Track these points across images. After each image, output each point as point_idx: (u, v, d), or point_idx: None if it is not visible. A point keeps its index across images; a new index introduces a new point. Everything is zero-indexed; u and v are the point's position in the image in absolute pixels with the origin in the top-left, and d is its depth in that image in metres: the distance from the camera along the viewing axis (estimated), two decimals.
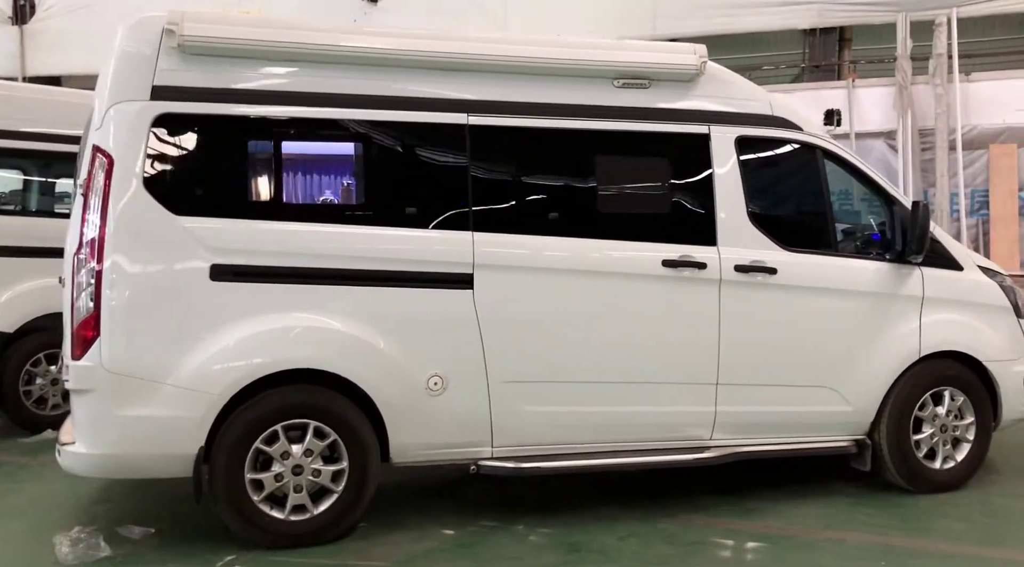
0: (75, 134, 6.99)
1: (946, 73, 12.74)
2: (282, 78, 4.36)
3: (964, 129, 12.61)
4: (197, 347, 4.18)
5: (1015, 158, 12.75)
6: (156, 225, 4.16)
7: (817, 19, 13.60)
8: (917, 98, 12.75)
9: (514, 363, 4.58)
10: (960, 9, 13.14)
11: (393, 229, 4.46)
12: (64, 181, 7.24)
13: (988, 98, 12.80)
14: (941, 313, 5.29)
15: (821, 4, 13.54)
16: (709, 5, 13.77)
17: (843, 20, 13.68)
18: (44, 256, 6.83)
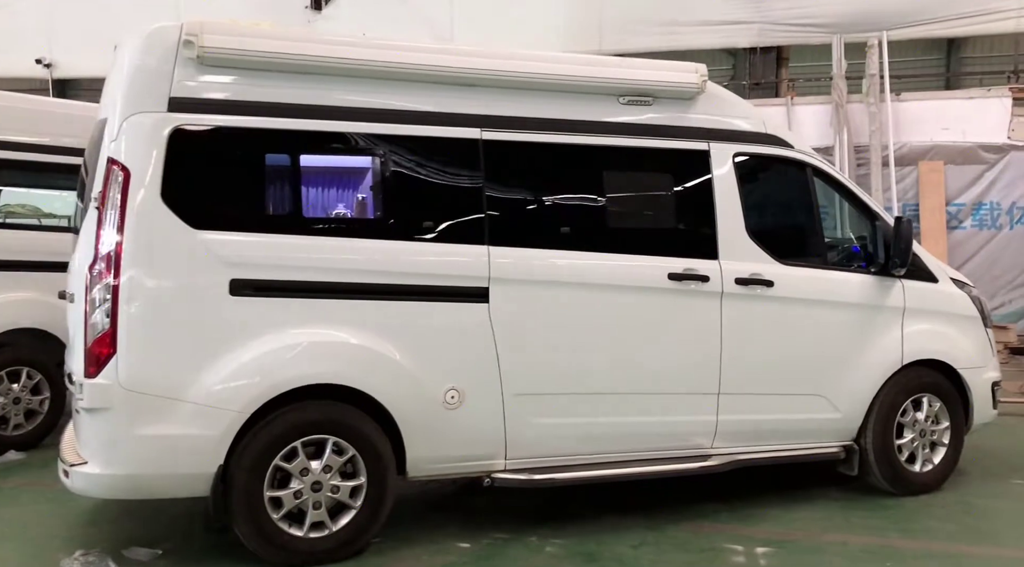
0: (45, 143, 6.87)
1: (879, 92, 13.29)
2: (300, 91, 4.31)
3: (896, 146, 13.17)
4: (216, 363, 4.10)
5: (942, 174, 13.37)
6: (174, 239, 4.07)
7: (757, 38, 14.04)
8: (852, 116, 13.26)
9: (527, 376, 4.62)
10: (890, 33, 13.75)
11: (410, 243, 4.45)
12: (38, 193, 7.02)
13: (916, 117, 13.41)
14: (920, 323, 5.55)
15: (761, 24, 14.00)
16: (654, 22, 14.09)
17: (782, 40, 14.16)
18: (14, 270, 6.61)
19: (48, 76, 16.95)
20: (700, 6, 13.93)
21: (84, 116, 7.27)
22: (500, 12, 14.39)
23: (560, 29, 14.28)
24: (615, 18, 14.25)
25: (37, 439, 6.71)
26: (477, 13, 14.57)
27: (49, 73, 17.07)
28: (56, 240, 6.92)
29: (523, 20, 14.34)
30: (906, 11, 13.63)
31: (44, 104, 7.25)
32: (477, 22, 14.52)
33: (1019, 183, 13.22)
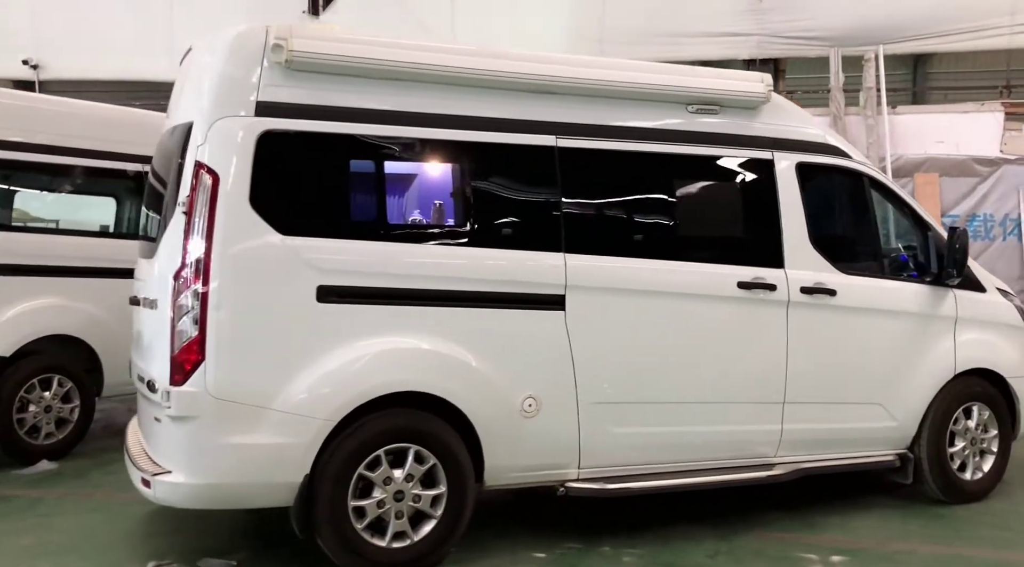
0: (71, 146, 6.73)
1: (875, 105, 13.50)
2: (385, 97, 4.26)
3: (892, 158, 13.37)
4: (303, 371, 4.03)
5: (937, 186, 13.61)
6: (262, 245, 4.00)
7: (756, 51, 14.19)
8: (849, 128, 13.44)
9: (602, 384, 4.61)
10: (886, 47, 13.97)
11: (491, 250, 4.42)
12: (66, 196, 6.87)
13: (912, 130, 13.62)
14: (971, 333, 5.62)
15: (760, 36, 14.15)
16: (655, 33, 14.18)
17: (780, 53, 14.32)
18: (43, 275, 6.46)
19: (35, 77, 16.65)
20: (700, 18, 14.05)
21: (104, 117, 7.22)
22: (500, 20, 14.40)
23: (560, 37, 14.32)
24: (615, 28, 14.32)
25: (68, 447, 6.56)
26: (477, 20, 14.57)
27: (36, 74, 16.78)
28: (85, 245, 6.84)
29: (523, 29, 14.36)
30: (902, 26, 13.86)
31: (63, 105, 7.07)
32: (477, 29, 14.50)
33: (1012, 195, 13.47)
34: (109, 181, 7.08)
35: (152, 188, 4.88)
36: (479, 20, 14.45)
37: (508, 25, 14.41)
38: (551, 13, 14.48)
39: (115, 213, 7.19)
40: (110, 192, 7.16)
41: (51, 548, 4.65)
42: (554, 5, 14.36)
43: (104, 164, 6.93)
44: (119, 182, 7.11)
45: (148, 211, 4.97)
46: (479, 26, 14.49)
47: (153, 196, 4.82)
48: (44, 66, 16.80)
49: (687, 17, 14.01)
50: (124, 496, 5.53)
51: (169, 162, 4.47)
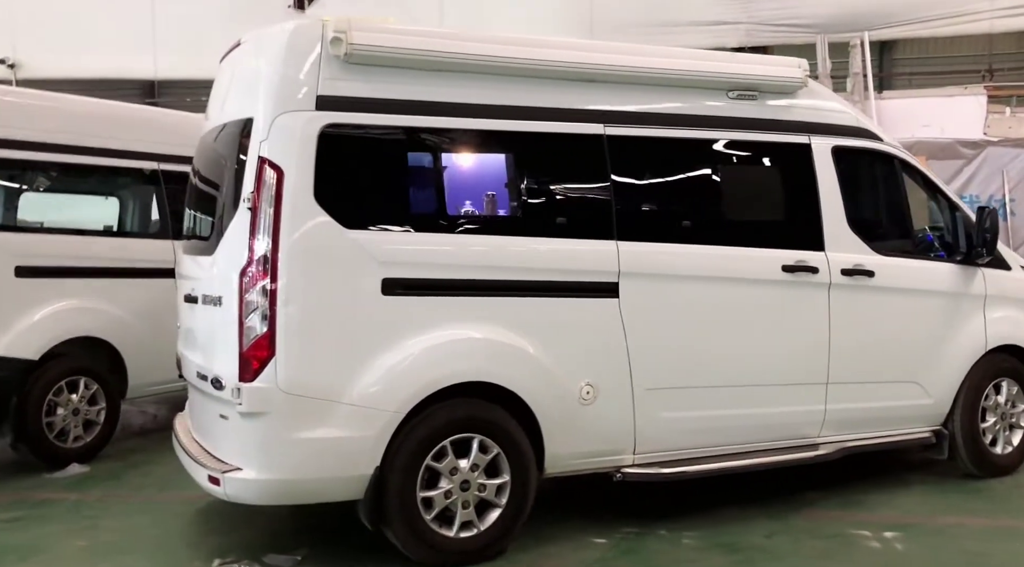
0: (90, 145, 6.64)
1: (863, 90, 13.68)
2: (443, 89, 4.26)
3: None
4: (371, 363, 4.03)
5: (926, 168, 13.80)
6: (328, 239, 3.99)
7: (745, 38, 14.33)
8: None
9: (655, 370, 4.65)
10: (871, 32, 14.17)
11: (551, 239, 4.44)
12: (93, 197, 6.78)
13: (899, 115, 13.82)
14: (1000, 310, 5.74)
15: (749, 24, 14.29)
16: (644, 23, 14.27)
17: (768, 40, 14.47)
18: (67, 276, 6.38)
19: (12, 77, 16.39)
20: (690, 7, 14.16)
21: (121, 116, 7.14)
22: (489, 10, 14.40)
23: (550, 27, 14.34)
24: (605, 19, 14.40)
25: (96, 450, 6.48)
26: (465, 12, 14.57)
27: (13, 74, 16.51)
28: (107, 245, 6.77)
29: (512, 19, 14.39)
30: (886, 12, 14.08)
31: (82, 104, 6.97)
32: (465, 21, 14.50)
33: (996, 177, 13.69)
34: (128, 180, 7.00)
35: (197, 187, 4.84)
36: (468, 9, 14.43)
37: (497, 13, 14.42)
38: (540, 3, 14.51)
39: (135, 212, 7.10)
40: (129, 191, 7.07)
41: (108, 548, 4.62)
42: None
43: (124, 163, 6.85)
44: (137, 181, 7.03)
45: (194, 210, 4.92)
46: (468, 15, 14.48)
47: (200, 195, 4.78)
48: (21, 65, 16.54)
49: (676, 5, 14.12)
50: (166, 497, 5.53)
51: (221, 160, 4.44)
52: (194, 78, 15.86)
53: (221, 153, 4.48)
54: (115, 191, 7.10)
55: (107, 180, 6.96)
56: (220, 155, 4.49)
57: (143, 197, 7.13)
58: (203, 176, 4.76)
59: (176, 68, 16.05)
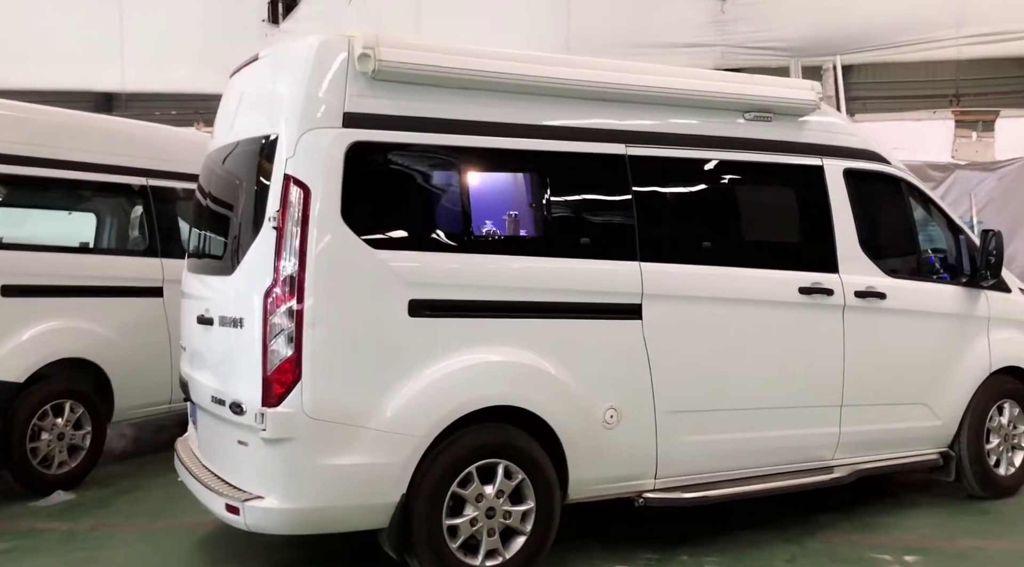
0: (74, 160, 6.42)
1: None
2: (471, 107, 4.19)
3: None
4: (397, 387, 3.91)
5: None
6: (355, 259, 3.87)
7: (720, 61, 14.44)
8: None
9: (678, 393, 4.59)
10: (843, 56, 14.40)
11: (577, 261, 4.38)
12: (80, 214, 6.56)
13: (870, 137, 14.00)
14: (1003, 332, 5.80)
15: (724, 47, 14.43)
16: (621, 43, 14.28)
17: (743, 63, 14.59)
18: (52, 295, 6.15)
19: None
20: (666, 29, 14.25)
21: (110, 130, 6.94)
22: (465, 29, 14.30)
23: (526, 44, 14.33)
24: (582, 37, 14.41)
25: (81, 476, 6.21)
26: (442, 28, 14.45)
27: None
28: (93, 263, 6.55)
29: (488, 36, 14.30)
30: (859, 37, 14.29)
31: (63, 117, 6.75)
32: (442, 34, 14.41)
33: (964, 200, 13.94)
34: (115, 196, 6.79)
35: (208, 206, 4.68)
36: (442, 28, 14.34)
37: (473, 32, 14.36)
38: (517, 21, 14.50)
39: (123, 230, 6.89)
40: (117, 208, 6.86)
41: None
42: (520, 13, 14.36)
43: (112, 178, 6.64)
44: (125, 197, 6.82)
45: (204, 229, 4.76)
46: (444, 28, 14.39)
47: (211, 213, 4.62)
48: None
49: (652, 27, 14.20)
50: (162, 525, 5.33)
51: (235, 178, 4.30)
52: (163, 91, 15.65)
53: (236, 171, 4.34)
54: (102, 207, 6.88)
55: (94, 196, 6.74)
56: (234, 173, 4.35)
57: (131, 214, 6.92)
58: (214, 195, 4.60)
59: (144, 81, 15.74)
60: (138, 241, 6.91)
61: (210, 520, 5.21)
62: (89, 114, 7.04)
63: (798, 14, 14.04)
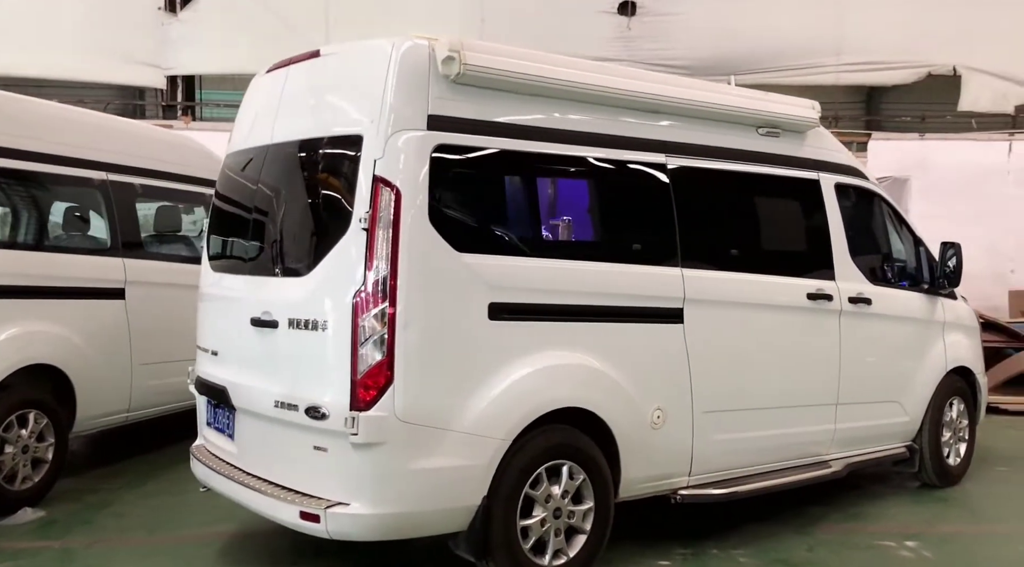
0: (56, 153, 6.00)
1: None
2: (549, 114, 4.29)
3: None
4: (480, 390, 3.92)
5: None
6: (443, 262, 3.85)
7: None
8: None
9: (712, 393, 4.81)
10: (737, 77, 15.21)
11: (633, 266, 4.52)
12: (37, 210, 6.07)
13: None
14: (953, 335, 6.39)
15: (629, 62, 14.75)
16: None
17: None
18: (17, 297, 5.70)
19: None
20: (576, 42, 14.52)
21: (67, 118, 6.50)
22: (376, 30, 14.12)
23: None
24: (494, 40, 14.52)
25: (45, 491, 5.75)
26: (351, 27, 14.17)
27: None
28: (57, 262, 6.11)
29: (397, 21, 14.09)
30: (751, 59, 15.13)
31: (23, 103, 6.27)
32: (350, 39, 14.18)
33: None
34: (74, 191, 6.35)
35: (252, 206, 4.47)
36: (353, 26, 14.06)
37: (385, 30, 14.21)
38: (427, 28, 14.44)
39: (83, 227, 6.46)
40: (76, 203, 6.42)
41: None
42: (433, 20, 14.31)
43: (70, 171, 6.21)
44: (82, 192, 6.40)
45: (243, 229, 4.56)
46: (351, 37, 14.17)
47: (256, 213, 4.44)
48: None
49: (563, 40, 14.47)
50: (162, 539, 5.09)
51: (295, 178, 4.20)
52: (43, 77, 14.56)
53: (296, 171, 4.22)
54: (57, 203, 6.42)
55: (52, 190, 6.28)
56: (293, 173, 4.23)
57: (92, 210, 6.50)
58: (263, 194, 4.41)
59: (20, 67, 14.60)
60: (99, 239, 6.50)
61: (220, 532, 5.08)
62: (41, 100, 6.53)
63: (698, 34, 14.73)
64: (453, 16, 14.27)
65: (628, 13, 14.77)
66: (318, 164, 4.10)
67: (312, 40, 14.00)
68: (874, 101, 16.85)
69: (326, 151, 4.05)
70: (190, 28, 14.14)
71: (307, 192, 4.23)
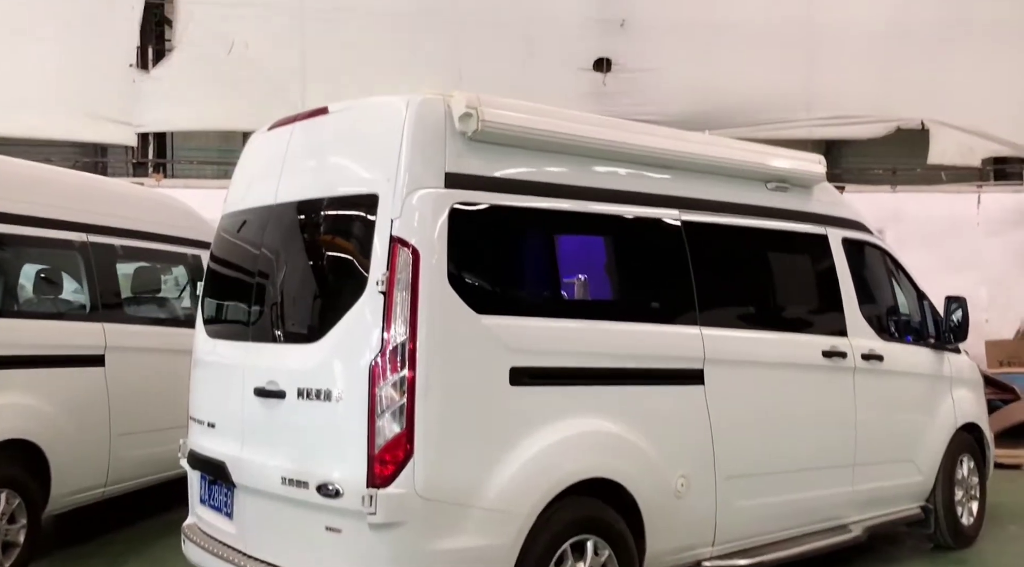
0: None
1: None
2: (567, 171, 4.15)
3: None
4: (503, 461, 3.69)
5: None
6: (463, 325, 3.65)
7: None
8: None
9: (734, 457, 4.61)
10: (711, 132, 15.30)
11: (655, 326, 4.36)
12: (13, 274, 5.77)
13: None
14: (960, 390, 6.27)
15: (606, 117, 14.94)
16: None
17: None
18: None
19: None
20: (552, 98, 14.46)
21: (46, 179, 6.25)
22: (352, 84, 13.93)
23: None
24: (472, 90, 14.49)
25: None
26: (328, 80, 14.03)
27: None
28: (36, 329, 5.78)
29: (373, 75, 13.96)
30: (726, 114, 15.26)
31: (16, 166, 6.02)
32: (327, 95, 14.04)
33: None
34: (54, 253, 6.07)
35: (253, 269, 4.24)
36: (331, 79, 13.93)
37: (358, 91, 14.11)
38: (402, 83, 14.39)
39: (62, 291, 6.16)
40: (54, 266, 6.13)
41: None
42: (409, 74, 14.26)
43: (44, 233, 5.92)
44: (61, 254, 6.11)
45: (243, 292, 4.31)
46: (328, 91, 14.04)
47: (258, 276, 4.20)
48: None
49: (539, 94, 14.48)
50: None
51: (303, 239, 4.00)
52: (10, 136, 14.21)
53: (303, 231, 4.01)
54: (37, 266, 6.13)
55: (29, 253, 5.99)
56: (300, 233, 4.02)
57: (70, 273, 6.21)
58: (265, 256, 4.19)
59: None
60: (78, 304, 6.20)
61: None
62: (18, 160, 6.27)
63: (672, 90, 14.84)
64: (431, 69, 14.23)
65: (604, 69, 14.86)
66: (329, 225, 3.90)
67: (289, 95, 13.99)
68: (832, 155, 17.04)
69: (338, 211, 3.86)
70: (162, 84, 13.92)
71: (316, 254, 4.02)
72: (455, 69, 14.16)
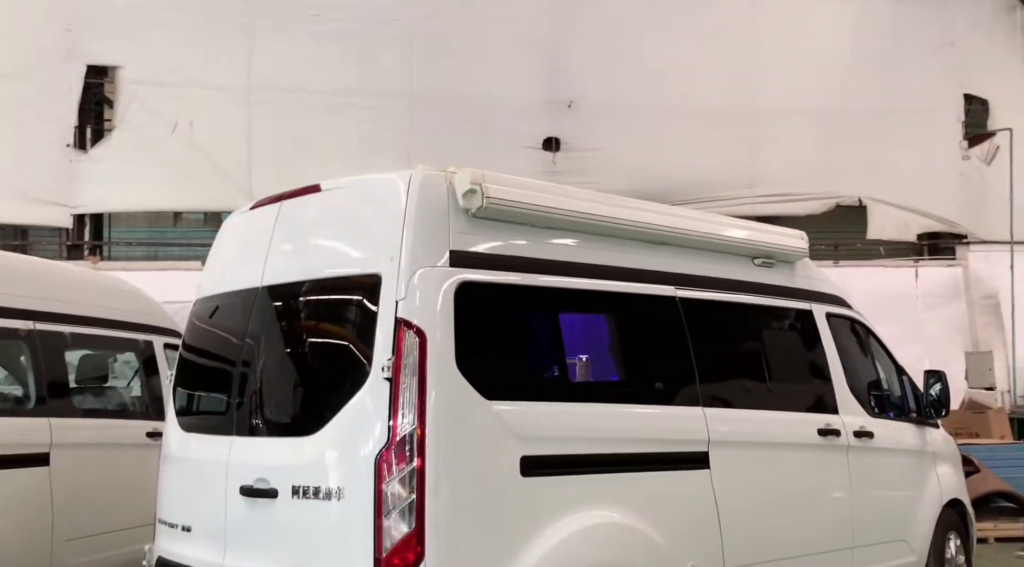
0: None
1: None
2: (573, 247, 4.03)
3: None
4: (516, 559, 3.42)
5: None
6: (473, 413, 3.42)
7: None
8: None
9: (741, 544, 4.41)
10: None
11: (667, 408, 4.21)
12: None
13: None
14: (942, 466, 6.21)
15: None
16: None
17: None
18: None
19: None
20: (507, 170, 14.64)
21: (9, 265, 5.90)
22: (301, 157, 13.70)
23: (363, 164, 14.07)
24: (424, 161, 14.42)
25: None
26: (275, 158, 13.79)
27: None
28: None
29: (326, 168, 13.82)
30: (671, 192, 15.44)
31: None
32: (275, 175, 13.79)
33: None
34: None
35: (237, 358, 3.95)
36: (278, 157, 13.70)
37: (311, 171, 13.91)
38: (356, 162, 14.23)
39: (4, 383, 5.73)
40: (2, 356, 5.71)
41: None
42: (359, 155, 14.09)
43: None
44: (10, 343, 5.70)
45: (224, 383, 4.01)
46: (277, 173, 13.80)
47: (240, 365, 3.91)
48: None
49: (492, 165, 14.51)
50: None
51: (292, 323, 3.74)
52: None
53: (292, 315, 3.76)
54: None
55: None
56: (288, 318, 3.76)
57: (14, 364, 5.79)
58: (248, 344, 3.90)
59: None
60: (19, 398, 5.76)
61: None
62: None
63: (620, 168, 15.02)
64: (381, 150, 14.13)
65: (553, 149, 14.99)
66: (324, 308, 3.66)
67: (234, 176, 13.72)
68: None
69: (334, 294, 3.63)
70: (101, 165, 13.52)
71: (309, 340, 3.76)
72: (405, 149, 14.11)
